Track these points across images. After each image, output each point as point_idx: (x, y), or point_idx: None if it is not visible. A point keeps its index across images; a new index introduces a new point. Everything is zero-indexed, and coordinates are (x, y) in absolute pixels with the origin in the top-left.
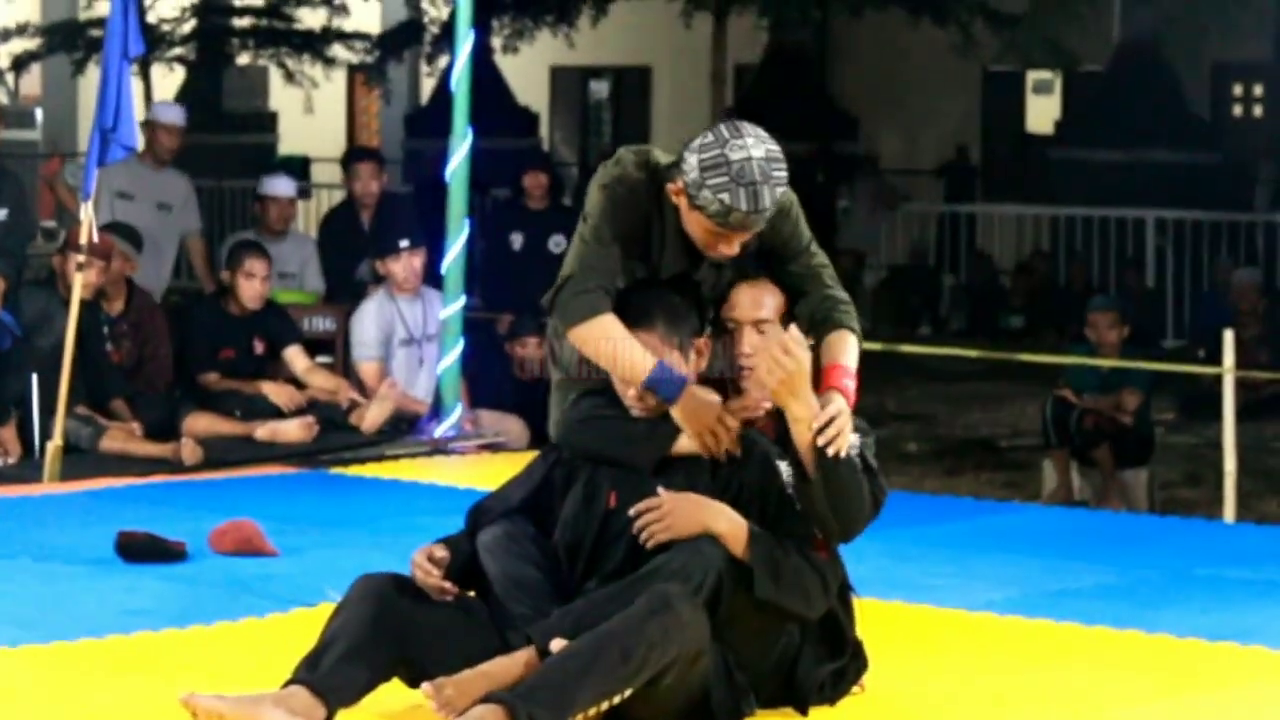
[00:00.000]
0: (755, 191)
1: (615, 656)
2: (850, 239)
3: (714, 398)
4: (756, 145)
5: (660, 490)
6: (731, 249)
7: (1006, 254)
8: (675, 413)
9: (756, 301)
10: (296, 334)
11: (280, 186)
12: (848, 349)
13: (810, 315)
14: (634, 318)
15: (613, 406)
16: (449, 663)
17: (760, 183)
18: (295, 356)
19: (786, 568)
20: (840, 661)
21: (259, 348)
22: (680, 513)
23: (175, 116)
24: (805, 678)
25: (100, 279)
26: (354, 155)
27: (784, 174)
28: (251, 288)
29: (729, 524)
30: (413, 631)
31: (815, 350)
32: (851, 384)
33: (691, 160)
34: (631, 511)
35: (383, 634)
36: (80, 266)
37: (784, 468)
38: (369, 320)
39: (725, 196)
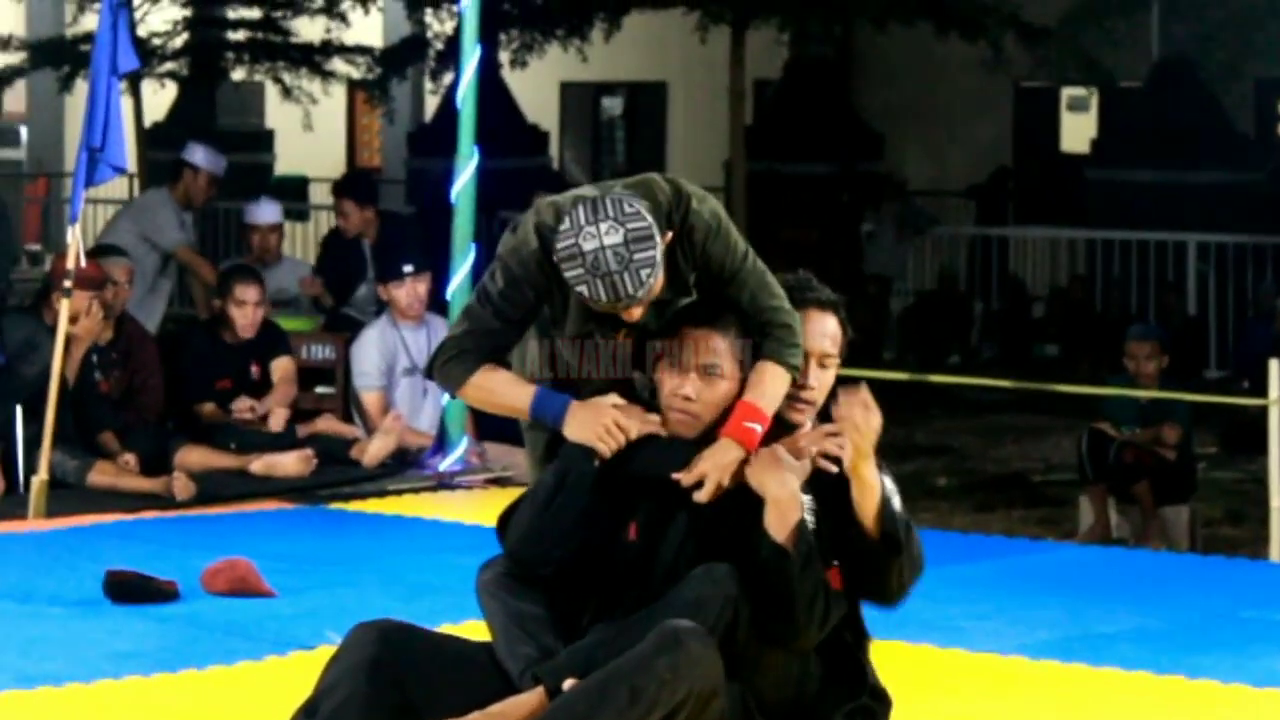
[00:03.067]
0: (612, 283)
1: (624, 697)
2: (876, 264)
3: (604, 400)
4: (613, 231)
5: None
6: (631, 317)
7: (1040, 280)
8: (566, 430)
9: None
10: (287, 348)
11: (259, 214)
12: (763, 384)
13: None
14: (708, 318)
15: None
16: (452, 710)
17: (617, 272)
18: (279, 366)
19: (812, 572)
20: (859, 700)
21: (255, 372)
22: (758, 463)
23: (219, 166)
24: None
25: (99, 315)
26: (337, 189)
27: (650, 251)
28: (244, 315)
29: (788, 499)
30: (413, 678)
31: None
32: (758, 426)
33: (555, 245)
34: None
35: (382, 681)
36: (67, 293)
37: (806, 501)
38: (370, 348)
39: (584, 290)
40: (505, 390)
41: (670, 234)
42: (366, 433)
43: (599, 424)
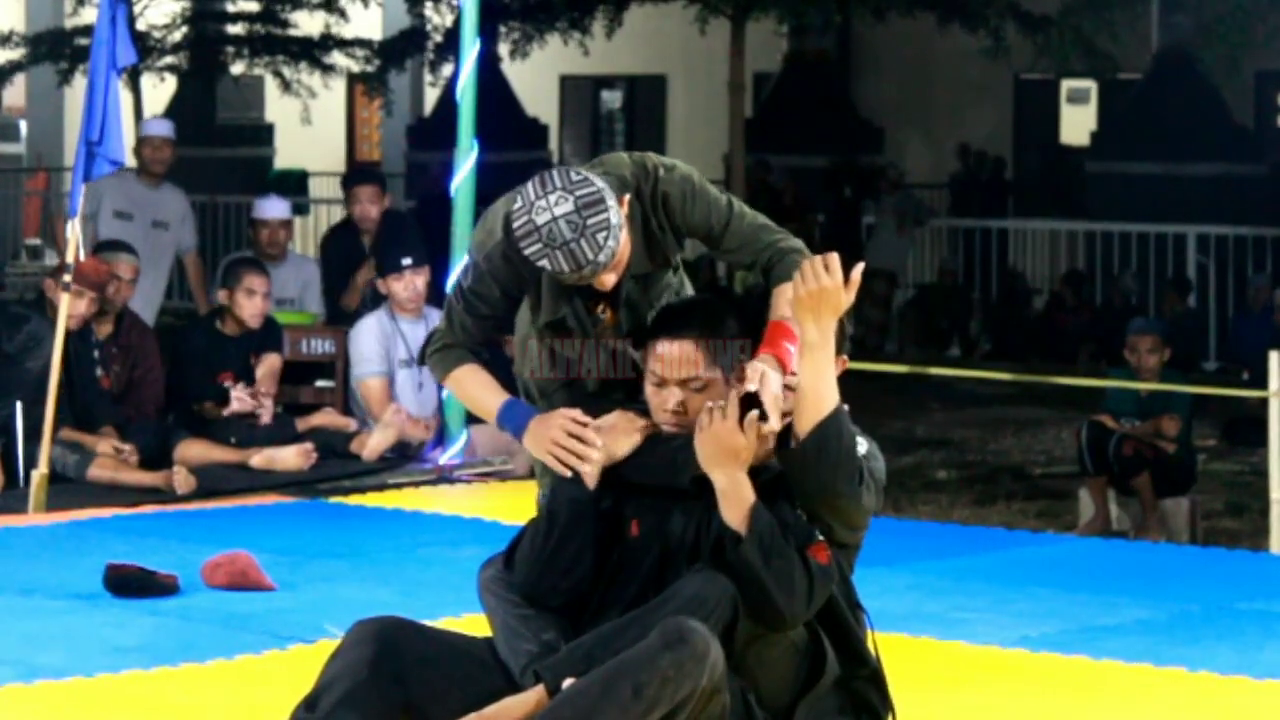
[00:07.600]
0: (570, 251)
1: (627, 693)
2: (878, 257)
3: (558, 414)
4: (562, 200)
5: (710, 415)
6: (604, 285)
7: (1040, 272)
8: (525, 444)
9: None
10: (279, 345)
11: (268, 209)
12: (785, 306)
13: (761, 268)
14: (679, 330)
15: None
16: (453, 706)
17: (573, 240)
18: (265, 360)
19: (780, 552)
20: (841, 670)
21: (256, 364)
22: (711, 438)
23: (163, 129)
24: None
25: (92, 309)
26: (353, 178)
27: (603, 215)
28: (253, 305)
29: (735, 487)
30: (414, 674)
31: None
32: (793, 347)
33: (512, 225)
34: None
35: (383, 677)
36: (67, 287)
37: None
38: (368, 335)
39: (545, 263)
40: (478, 394)
41: (628, 197)
42: (369, 422)
43: (548, 438)
